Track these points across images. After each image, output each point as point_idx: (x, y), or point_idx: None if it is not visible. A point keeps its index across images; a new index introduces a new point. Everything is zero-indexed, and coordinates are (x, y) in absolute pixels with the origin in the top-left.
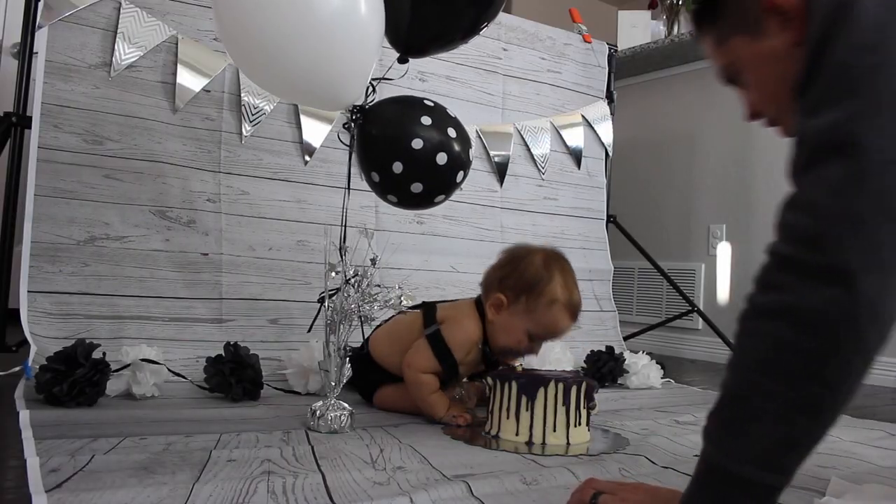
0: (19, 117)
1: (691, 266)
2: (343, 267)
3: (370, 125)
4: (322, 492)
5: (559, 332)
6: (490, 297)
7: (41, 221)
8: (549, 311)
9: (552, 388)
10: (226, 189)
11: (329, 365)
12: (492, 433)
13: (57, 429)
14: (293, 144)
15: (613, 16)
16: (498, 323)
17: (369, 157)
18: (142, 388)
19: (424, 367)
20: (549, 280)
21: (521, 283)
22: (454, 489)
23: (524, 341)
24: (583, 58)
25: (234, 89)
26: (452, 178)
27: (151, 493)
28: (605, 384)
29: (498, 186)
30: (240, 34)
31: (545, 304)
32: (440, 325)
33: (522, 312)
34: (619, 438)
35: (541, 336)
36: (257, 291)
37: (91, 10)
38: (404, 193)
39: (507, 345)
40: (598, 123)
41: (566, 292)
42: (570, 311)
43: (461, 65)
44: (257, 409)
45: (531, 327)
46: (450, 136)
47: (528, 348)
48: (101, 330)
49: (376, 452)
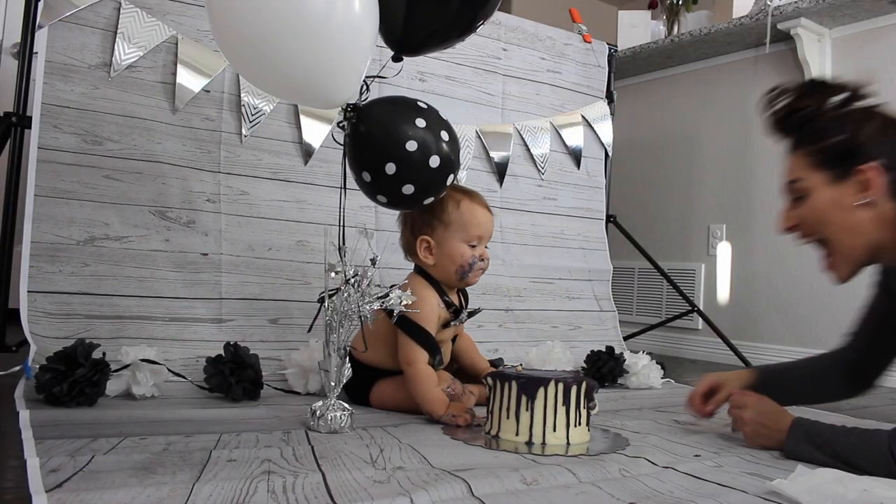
0: (19, 117)
1: (691, 266)
2: (343, 267)
3: (364, 125)
4: (322, 491)
5: (484, 225)
6: (418, 249)
7: (41, 221)
8: (463, 212)
9: (552, 388)
10: (225, 189)
11: (329, 365)
12: (492, 433)
13: (57, 429)
14: (293, 145)
15: (613, 16)
16: (439, 258)
17: (362, 157)
18: (142, 388)
19: (419, 356)
20: (443, 196)
21: (427, 216)
22: (454, 489)
23: (468, 252)
24: (583, 58)
25: (233, 89)
26: (443, 181)
27: (151, 493)
28: (604, 384)
29: (497, 186)
30: (232, 31)
31: (453, 209)
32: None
33: (446, 232)
34: (619, 438)
35: (475, 237)
36: (257, 291)
37: (91, 11)
38: (395, 194)
39: (460, 266)
40: (598, 123)
41: (458, 192)
42: (476, 201)
43: (461, 65)
44: (257, 409)
45: (462, 236)
46: (442, 139)
47: (479, 256)
48: (101, 330)
49: (376, 452)
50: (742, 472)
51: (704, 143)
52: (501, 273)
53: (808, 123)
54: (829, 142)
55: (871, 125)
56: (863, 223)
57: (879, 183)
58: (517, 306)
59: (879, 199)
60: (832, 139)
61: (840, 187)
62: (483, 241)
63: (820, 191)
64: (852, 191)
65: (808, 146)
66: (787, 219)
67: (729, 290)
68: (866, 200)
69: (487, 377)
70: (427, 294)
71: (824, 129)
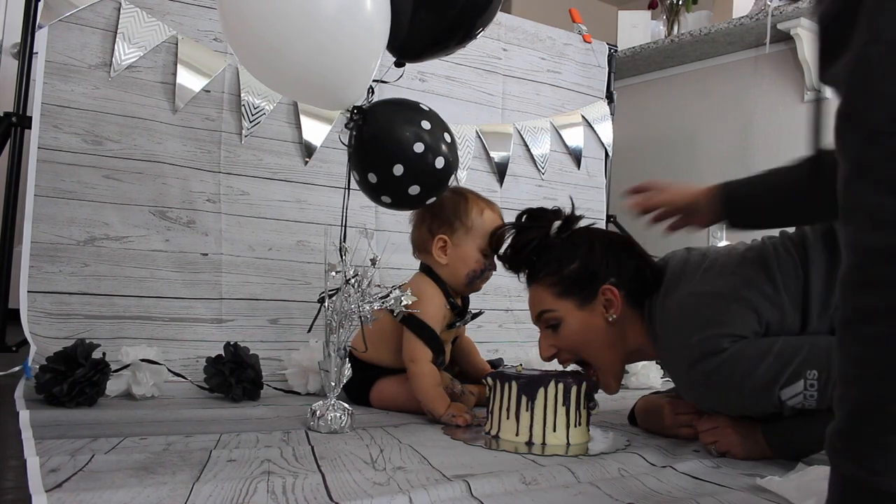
0: (19, 117)
1: None
2: (343, 267)
3: (371, 127)
4: (322, 492)
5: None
6: (433, 247)
7: (41, 221)
8: (485, 220)
9: (552, 388)
10: (226, 189)
11: (329, 365)
12: (492, 433)
13: (57, 429)
14: (293, 144)
15: (613, 16)
16: (452, 259)
17: (368, 159)
18: (142, 388)
19: (424, 354)
20: (465, 199)
21: (448, 216)
22: (454, 489)
23: (481, 260)
24: (583, 58)
25: (233, 89)
26: (446, 181)
27: (151, 492)
28: None
29: (498, 186)
30: (244, 31)
31: (477, 215)
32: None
33: (465, 236)
34: (619, 438)
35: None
36: (257, 291)
37: (91, 11)
38: (400, 195)
39: (471, 272)
40: (598, 123)
41: (482, 200)
42: (497, 213)
43: (461, 65)
44: (257, 409)
45: (479, 243)
46: (446, 141)
47: (488, 266)
48: (100, 330)
49: (376, 452)
50: (740, 472)
51: (704, 143)
52: (502, 273)
53: (538, 255)
54: (568, 270)
55: (595, 248)
56: (616, 337)
57: (619, 299)
58: (517, 306)
59: (623, 311)
60: (570, 267)
61: (588, 310)
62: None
63: (570, 317)
64: (600, 311)
65: (548, 277)
66: (547, 348)
67: None
68: (614, 317)
69: (487, 377)
70: (433, 293)
71: (556, 259)
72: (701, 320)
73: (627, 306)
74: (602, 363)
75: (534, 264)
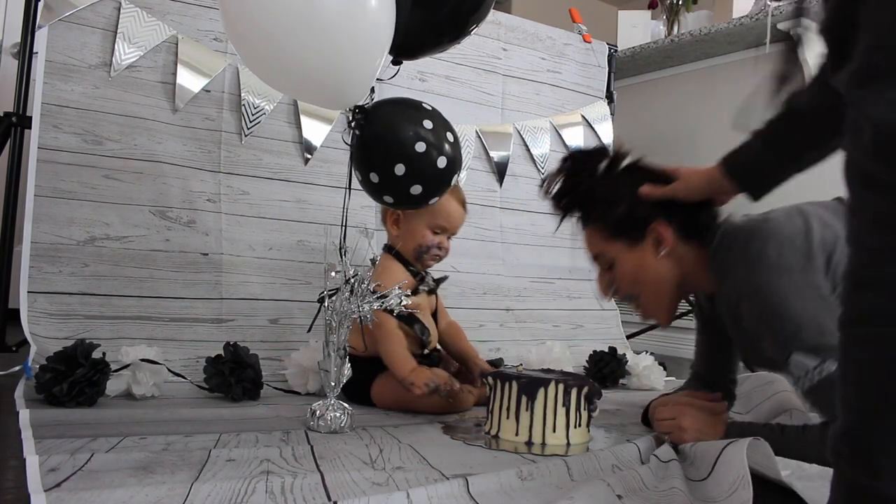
0: (19, 117)
1: None
2: (343, 267)
3: (372, 127)
4: (321, 491)
5: (452, 217)
6: (388, 219)
7: (41, 222)
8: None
9: (552, 388)
10: (226, 189)
11: (329, 365)
12: (491, 433)
13: (56, 428)
14: (293, 144)
15: (613, 16)
16: (402, 233)
17: (370, 158)
18: (142, 388)
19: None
20: None
21: None
22: (451, 487)
23: (428, 235)
24: (583, 58)
25: (233, 89)
26: (448, 181)
27: (150, 492)
28: (606, 385)
29: (497, 186)
30: (246, 30)
31: None
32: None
33: (416, 213)
34: (619, 439)
35: (440, 226)
36: (257, 291)
37: (91, 10)
38: (402, 194)
39: (418, 245)
40: (598, 123)
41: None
42: (453, 194)
43: (461, 64)
44: (257, 409)
45: (428, 220)
46: (448, 141)
47: (437, 243)
48: (100, 330)
49: (376, 452)
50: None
51: (704, 143)
52: (502, 273)
53: (586, 199)
54: (615, 213)
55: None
56: (668, 272)
57: (669, 234)
58: (518, 306)
59: (675, 246)
60: (617, 210)
61: (639, 249)
62: (447, 232)
63: (623, 257)
64: (651, 248)
65: (597, 222)
66: (604, 288)
67: None
68: (665, 252)
69: (488, 377)
70: (392, 265)
71: (606, 200)
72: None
73: (679, 240)
74: (656, 297)
75: (583, 207)
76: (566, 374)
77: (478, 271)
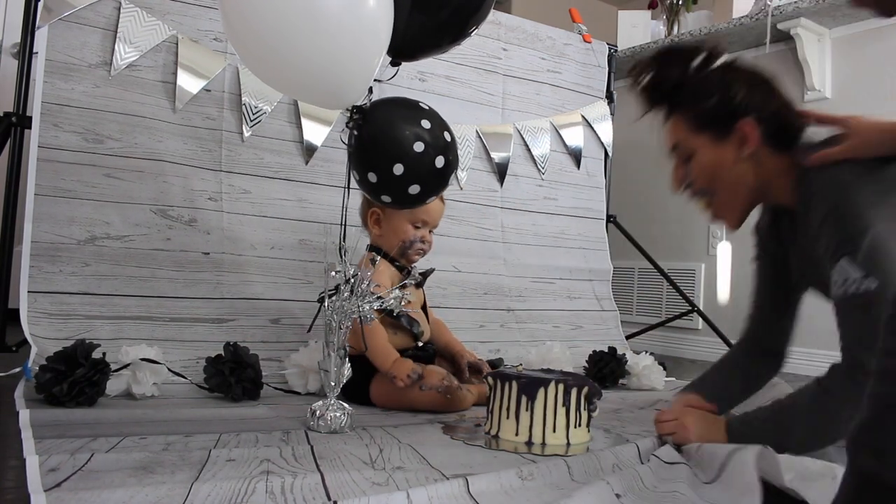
0: (19, 117)
1: (691, 266)
2: (343, 266)
3: (371, 127)
4: (320, 491)
5: (432, 211)
6: (369, 219)
7: (41, 221)
8: None
9: (552, 388)
10: (227, 188)
11: (329, 365)
12: (491, 433)
13: (56, 428)
14: (294, 144)
15: (613, 16)
16: (385, 231)
17: (368, 158)
18: (142, 387)
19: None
20: None
21: None
22: (451, 487)
23: (410, 230)
24: (583, 58)
25: (234, 89)
26: (446, 181)
27: (150, 492)
28: (605, 385)
29: (498, 186)
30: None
31: None
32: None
33: (396, 210)
34: (619, 439)
35: (421, 220)
36: (259, 291)
37: (91, 10)
38: (400, 194)
39: (401, 241)
40: (598, 123)
41: None
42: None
43: (461, 64)
44: (257, 409)
45: (409, 216)
46: (446, 140)
47: (420, 237)
48: (101, 330)
49: (376, 452)
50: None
51: None
52: (503, 273)
53: (677, 91)
54: (704, 106)
55: (737, 83)
56: (747, 174)
57: (756, 135)
58: (518, 306)
59: (758, 150)
60: (706, 103)
61: (722, 145)
62: (428, 226)
63: (704, 151)
64: (733, 147)
65: (684, 112)
66: (678, 180)
67: (729, 290)
68: (748, 152)
69: (488, 377)
70: (378, 263)
71: (695, 93)
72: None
73: (765, 146)
74: (729, 198)
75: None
76: (566, 374)
77: (478, 271)
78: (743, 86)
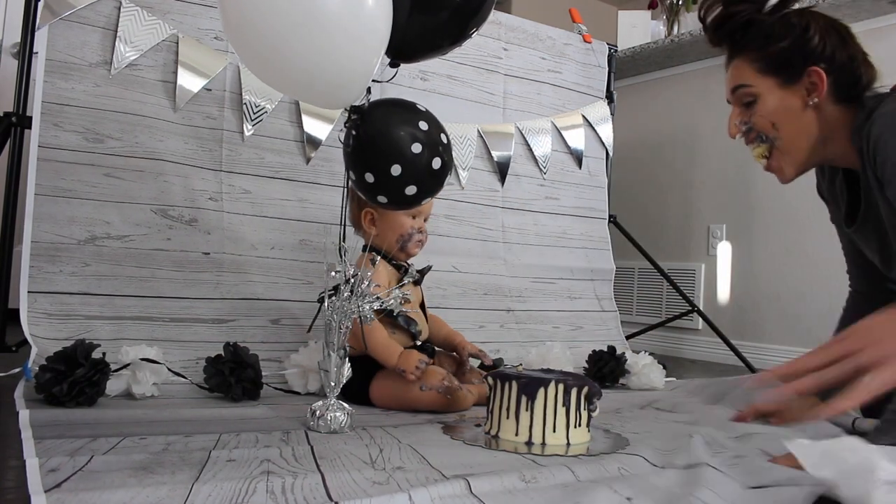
0: (19, 117)
1: (691, 266)
2: (343, 266)
3: (368, 127)
4: (321, 491)
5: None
6: (363, 220)
7: (41, 221)
8: None
9: (552, 388)
10: (227, 188)
11: (329, 365)
12: (491, 433)
13: (56, 429)
14: (295, 143)
15: (613, 16)
16: (381, 229)
17: (365, 158)
18: (142, 387)
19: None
20: None
21: None
22: (453, 487)
23: (407, 222)
24: (583, 58)
25: (235, 88)
26: (442, 182)
27: (150, 492)
28: (606, 384)
29: (499, 186)
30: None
31: None
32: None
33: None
34: (619, 439)
35: (416, 211)
36: (259, 291)
37: (91, 9)
38: (397, 195)
39: (400, 235)
40: (599, 123)
41: None
42: None
43: (462, 64)
44: (257, 409)
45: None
46: (442, 142)
47: (417, 227)
48: (101, 330)
49: (376, 452)
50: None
51: (704, 143)
52: (503, 273)
53: (747, 29)
54: (776, 47)
55: (812, 29)
56: (811, 124)
57: (825, 84)
58: (518, 306)
59: (824, 101)
60: (778, 45)
61: (789, 91)
62: (421, 216)
63: (769, 95)
64: (800, 94)
65: (753, 52)
66: (736, 125)
67: (729, 290)
68: (814, 102)
69: (488, 377)
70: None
71: (768, 34)
72: None
73: (831, 96)
74: (790, 147)
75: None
76: (566, 373)
77: (479, 271)
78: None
